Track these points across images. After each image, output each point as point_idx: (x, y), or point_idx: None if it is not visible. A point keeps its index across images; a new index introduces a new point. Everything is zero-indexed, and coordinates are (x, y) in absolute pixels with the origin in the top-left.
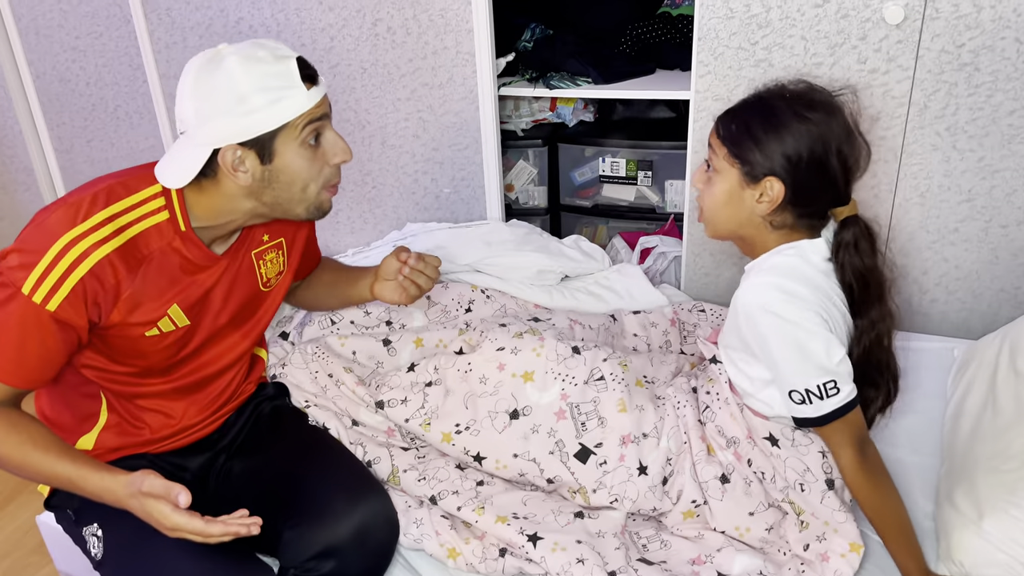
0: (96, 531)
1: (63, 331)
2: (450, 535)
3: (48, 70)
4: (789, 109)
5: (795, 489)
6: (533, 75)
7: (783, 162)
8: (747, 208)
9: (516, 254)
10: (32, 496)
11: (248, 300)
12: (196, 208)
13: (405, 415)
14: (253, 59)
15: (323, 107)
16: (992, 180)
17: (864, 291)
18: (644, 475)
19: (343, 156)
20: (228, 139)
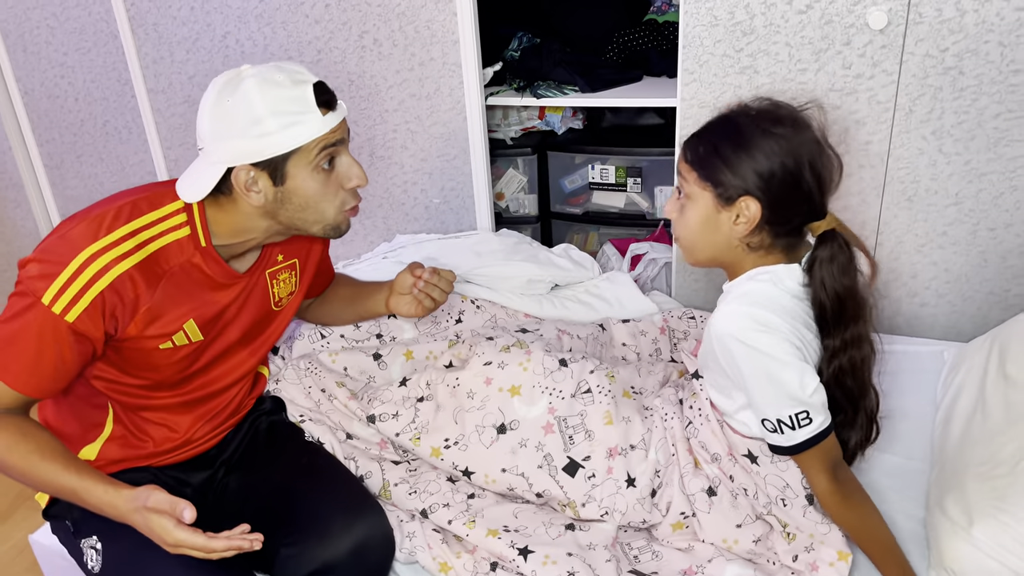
0: (95, 544)
1: (79, 342)
2: (441, 549)
3: (37, 86)
4: (755, 126)
5: (777, 504)
6: (520, 84)
7: (756, 180)
8: (724, 232)
9: (506, 264)
10: (26, 515)
11: (259, 319)
12: (216, 225)
13: (396, 429)
14: (271, 82)
15: (339, 132)
16: (979, 183)
17: (838, 310)
18: (633, 487)
19: (358, 181)
20: (241, 159)
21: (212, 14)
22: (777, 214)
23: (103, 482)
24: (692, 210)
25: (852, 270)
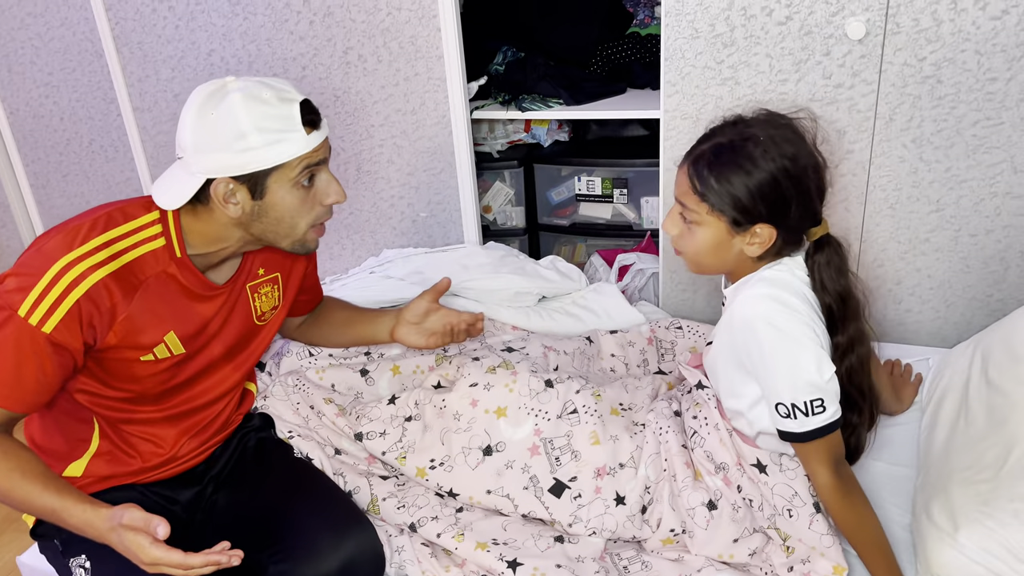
0: (84, 563)
1: (59, 354)
2: (430, 563)
3: (22, 106)
4: (766, 155)
5: (783, 515)
6: (505, 98)
7: (770, 209)
8: (735, 251)
9: (493, 277)
10: (13, 536)
11: (243, 333)
12: (191, 235)
13: (383, 448)
14: (257, 99)
15: (322, 151)
16: (959, 190)
17: (843, 309)
18: (622, 505)
19: (336, 198)
20: (222, 172)
21: (197, 32)
22: (789, 232)
23: (82, 502)
24: (702, 234)
25: (847, 270)
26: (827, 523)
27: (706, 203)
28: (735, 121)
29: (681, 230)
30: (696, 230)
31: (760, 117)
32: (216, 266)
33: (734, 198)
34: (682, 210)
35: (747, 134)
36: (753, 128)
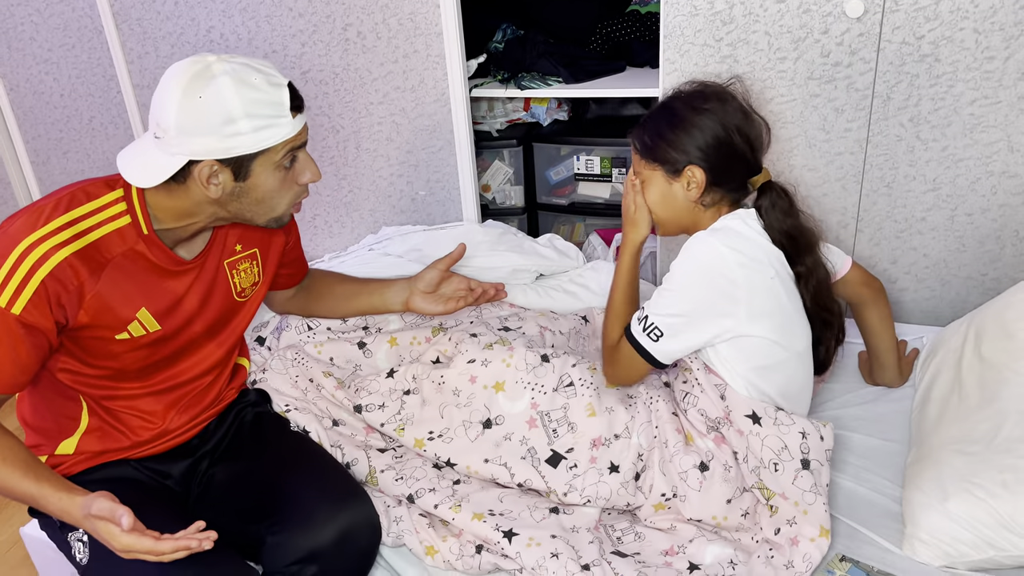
0: (82, 536)
1: (31, 335)
2: (428, 533)
3: (22, 83)
4: (687, 106)
5: (768, 468)
6: (504, 76)
7: (695, 152)
8: (680, 199)
9: (491, 254)
10: (16, 511)
11: (223, 310)
12: (158, 211)
13: (381, 419)
14: (247, 84)
15: (303, 136)
16: (956, 169)
17: (794, 245)
18: (616, 473)
19: (313, 177)
20: (207, 155)
21: (196, 8)
22: (719, 175)
23: (60, 489)
24: (649, 189)
25: (794, 211)
26: (813, 481)
27: (645, 158)
28: (672, 91)
29: (641, 197)
30: (647, 189)
31: (692, 87)
32: (186, 241)
33: (659, 142)
34: (634, 174)
35: (673, 93)
36: (683, 92)
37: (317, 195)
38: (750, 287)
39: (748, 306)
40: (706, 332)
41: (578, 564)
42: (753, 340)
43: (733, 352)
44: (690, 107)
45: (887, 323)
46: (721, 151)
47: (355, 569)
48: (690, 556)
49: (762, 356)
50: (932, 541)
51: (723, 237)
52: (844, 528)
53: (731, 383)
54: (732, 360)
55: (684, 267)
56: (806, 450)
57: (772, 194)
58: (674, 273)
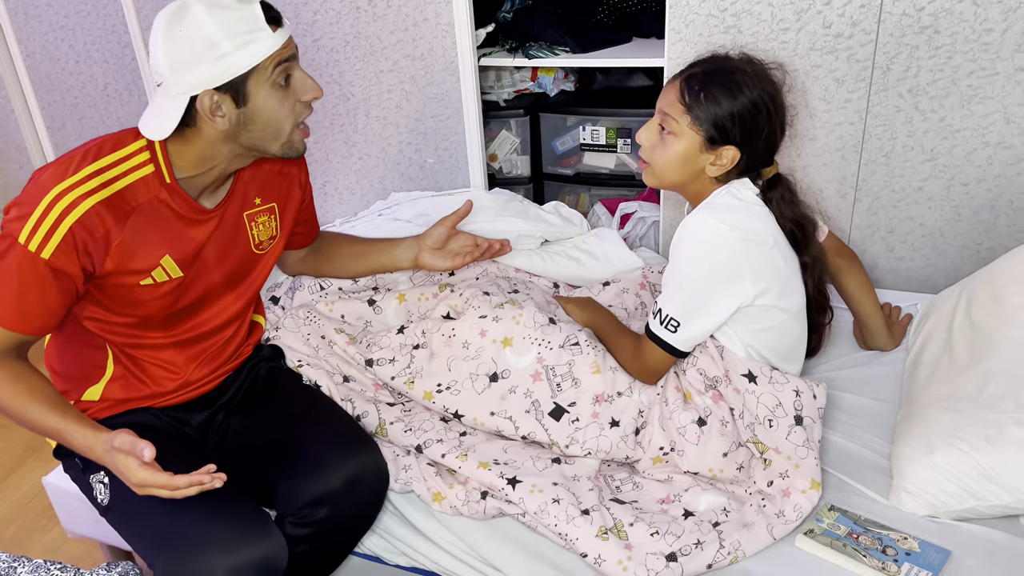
0: (103, 478)
1: (59, 279)
2: (435, 480)
3: (38, 49)
4: (751, 85)
5: (763, 424)
6: (512, 45)
7: (743, 133)
8: (698, 168)
9: (497, 220)
10: (38, 463)
11: (242, 261)
12: (179, 159)
13: (391, 373)
14: (218, 6)
15: (290, 48)
16: (953, 140)
17: (802, 233)
18: (616, 427)
19: (313, 93)
20: (203, 85)
21: None
22: (750, 161)
23: (84, 425)
24: (675, 146)
25: (799, 201)
26: (805, 436)
27: (689, 115)
28: (724, 56)
29: (654, 141)
30: (671, 141)
31: (742, 56)
32: (207, 189)
33: (716, 116)
34: (662, 120)
35: (735, 65)
36: (739, 62)
37: (327, 162)
38: (752, 260)
39: (753, 278)
40: (721, 310)
41: (578, 509)
42: (755, 308)
43: (735, 318)
44: (755, 89)
45: (866, 289)
46: (763, 142)
47: (363, 513)
48: (685, 504)
49: (761, 320)
50: (917, 492)
51: (720, 214)
52: (834, 480)
53: (728, 346)
54: (733, 325)
55: (686, 251)
56: (799, 407)
57: (781, 186)
58: (677, 259)
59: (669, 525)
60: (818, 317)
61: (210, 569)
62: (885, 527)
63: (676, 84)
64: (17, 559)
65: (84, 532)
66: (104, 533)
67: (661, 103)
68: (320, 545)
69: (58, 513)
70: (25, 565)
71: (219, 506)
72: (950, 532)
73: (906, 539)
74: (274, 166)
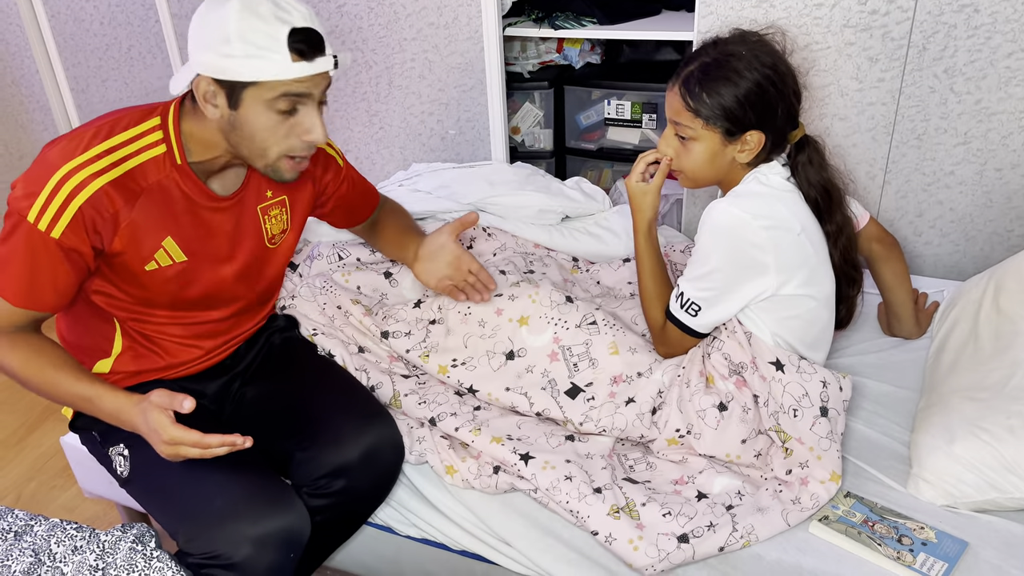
0: (122, 451)
1: (70, 257)
2: (448, 454)
3: (63, 10)
4: (751, 69)
5: (787, 414)
6: (539, 15)
7: (759, 116)
8: (728, 159)
9: (518, 193)
10: (56, 423)
11: (255, 256)
12: (190, 141)
13: (407, 346)
14: (253, 11)
15: (308, 85)
16: (988, 123)
17: (827, 200)
18: (632, 403)
19: (311, 136)
20: (205, 70)
21: None
22: (776, 137)
23: (113, 390)
24: (698, 149)
25: (826, 164)
26: (829, 428)
27: (700, 118)
28: (714, 42)
29: (677, 149)
30: (692, 146)
31: (735, 36)
32: (217, 175)
33: (725, 109)
34: (676, 129)
35: (728, 51)
36: (731, 45)
37: (348, 131)
38: (777, 248)
39: (777, 267)
40: (742, 297)
41: (590, 487)
42: (781, 296)
43: (761, 306)
44: (754, 70)
45: (902, 278)
46: (780, 115)
47: (379, 485)
48: (699, 485)
49: (789, 308)
50: (936, 481)
51: (743, 203)
52: (851, 467)
53: (756, 332)
54: (759, 312)
55: (709, 238)
56: (825, 399)
57: (809, 148)
58: (700, 245)
59: (682, 506)
60: (847, 289)
61: (235, 537)
62: (902, 516)
63: (676, 90)
64: (34, 518)
65: (101, 492)
66: (120, 494)
67: (669, 113)
68: (335, 516)
69: (75, 473)
70: (42, 524)
71: (243, 476)
72: (968, 523)
73: (923, 529)
74: None
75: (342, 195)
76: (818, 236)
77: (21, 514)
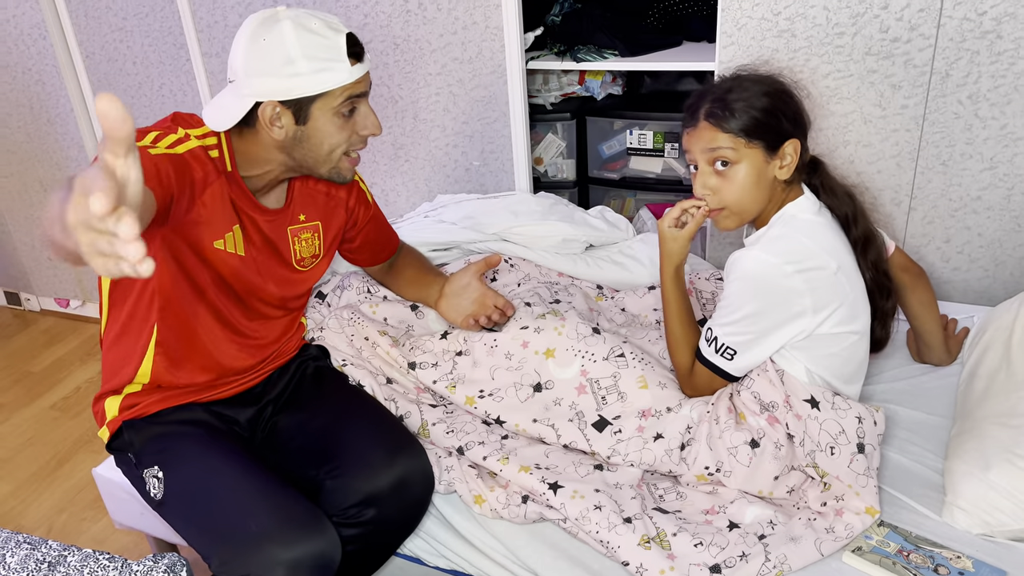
0: (157, 473)
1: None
2: (476, 483)
3: (97, 50)
4: (758, 83)
5: (824, 452)
6: (561, 48)
7: (791, 121)
8: (770, 179)
9: (542, 223)
10: (87, 455)
11: (283, 275)
12: (238, 156)
13: (434, 377)
14: (307, 28)
15: (363, 84)
16: (1015, 148)
17: (853, 206)
18: (661, 439)
19: (373, 130)
20: (270, 95)
21: None
22: (805, 142)
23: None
24: (742, 172)
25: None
26: (867, 464)
27: (741, 137)
28: (711, 84)
29: (716, 185)
30: (735, 171)
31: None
32: (262, 191)
33: (758, 119)
34: (714, 159)
35: (732, 78)
36: (729, 79)
37: (375, 163)
38: (814, 290)
39: (815, 308)
40: (779, 339)
41: (620, 517)
42: (818, 336)
43: (799, 345)
44: (762, 82)
45: (930, 307)
46: (804, 120)
47: (409, 515)
48: (731, 515)
49: (828, 346)
50: (971, 509)
51: (773, 247)
52: (884, 496)
53: (790, 370)
54: (795, 351)
55: (740, 286)
56: (862, 435)
57: (821, 168)
58: (731, 293)
59: (714, 536)
60: (881, 302)
61: (269, 561)
62: (937, 545)
63: (703, 125)
64: (67, 548)
65: (131, 524)
66: (150, 525)
67: (700, 148)
68: (365, 545)
69: (107, 504)
70: (75, 554)
71: (276, 501)
72: (1005, 552)
73: (959, 558)
74: (324, 186)
75: (370, 230)
76: (853, 268)
77: (55, 544)
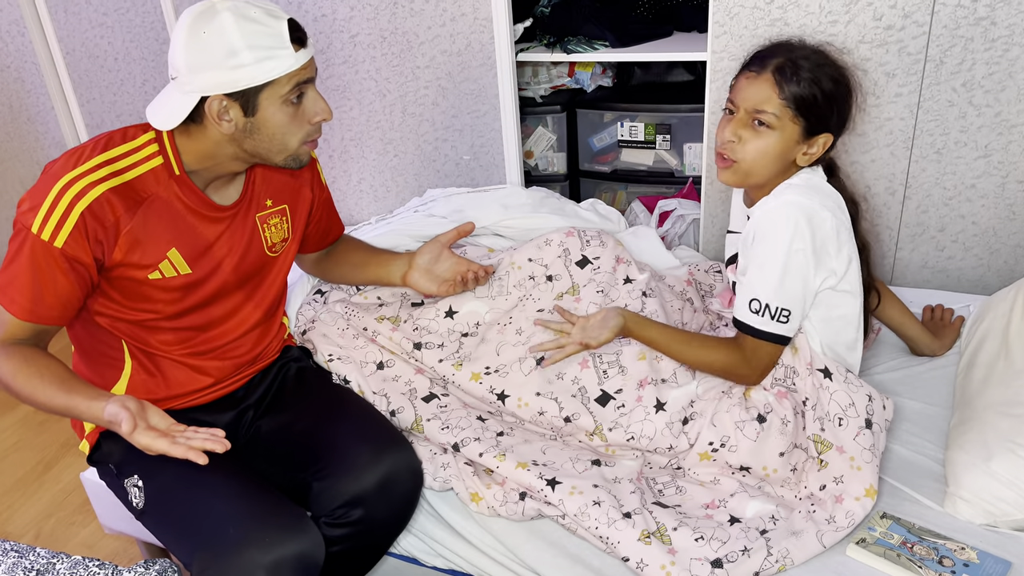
0: (137, 482)
1: (73, 268)
2: (473, 480)
3: (77, 47)
4: (835, 70)
5: (832, 421)
6: (550, 40)
7: (838, 117)
8: (791, 159)
9: (533, 216)
10: (74, 459)
11: (256, 265)
12: (186, 154)
13: (439, 357)
14: (247, 17)
15: (309, 70)
16: (1009, 135)
17: (855, 211)
18: (662, 411)
19: (323, 115)
20: (215, 89)
21: None
22: (836, 141)
23: (89, 397)
24: (773, 139)
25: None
26: (872, 441)
27: (791, 108)
28: (790, 44)
29: (746, 135)
30: (768, 135)
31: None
32: (216, 184)
33: (817, 100)
34: (756, 115)
35: (812, 51)
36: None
37: (363, 159)
38: (837, 232)
39: (838, 248)
40: (815, 287)
41: (619, 512)
42: (834, 292)
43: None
44: (842, 74)
45: (904, 311)
46: (848, 122)
47: (398, 513)
48: (731, 510)
49: (836, 307)
50: (974, 500)
51: (802, 191)
52: (886, 487)
53: (807, 339)
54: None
55: (774, 234)
56: (871, 412)
57: (837, 168)
58: (765, 247)
59: (714, 530)
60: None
61: (249, 565)
62: (941, 536)
63: (766, 77)
64: (56, 555)
65: (121, 528)
66: (140, 530)
67: (748, 99)
68: (355, 545)
69: (95, 509)
70: (64, 561)
71: (256, 504)
72: (1010, 542)
73: (963, 549)
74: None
75: (324, 211)
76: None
77: (43, 552)
